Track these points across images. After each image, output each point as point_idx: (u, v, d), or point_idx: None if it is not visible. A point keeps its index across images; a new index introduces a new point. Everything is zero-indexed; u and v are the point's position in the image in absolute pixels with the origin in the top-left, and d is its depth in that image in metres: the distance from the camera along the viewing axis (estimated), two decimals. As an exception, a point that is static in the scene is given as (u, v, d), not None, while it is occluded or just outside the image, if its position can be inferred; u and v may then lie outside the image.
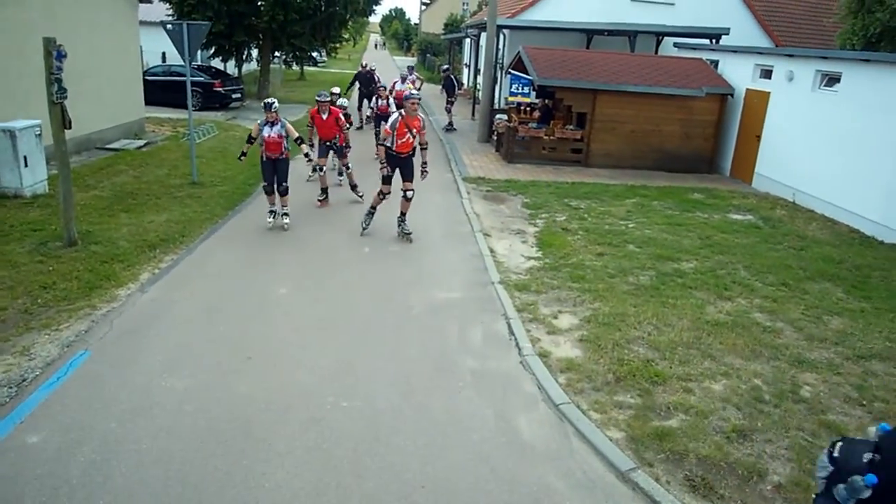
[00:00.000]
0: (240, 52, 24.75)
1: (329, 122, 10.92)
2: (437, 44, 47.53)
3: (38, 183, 10.25)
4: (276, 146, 9.25)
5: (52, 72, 7.61)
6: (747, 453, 4.72)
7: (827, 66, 12.44)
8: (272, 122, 9.17)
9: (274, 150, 9.28)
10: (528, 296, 7.43)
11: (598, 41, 19.98)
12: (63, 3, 12.55)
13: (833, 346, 6.53)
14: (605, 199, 12.21)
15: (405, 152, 8.97)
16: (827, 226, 11.21)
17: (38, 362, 5.49)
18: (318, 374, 5.60)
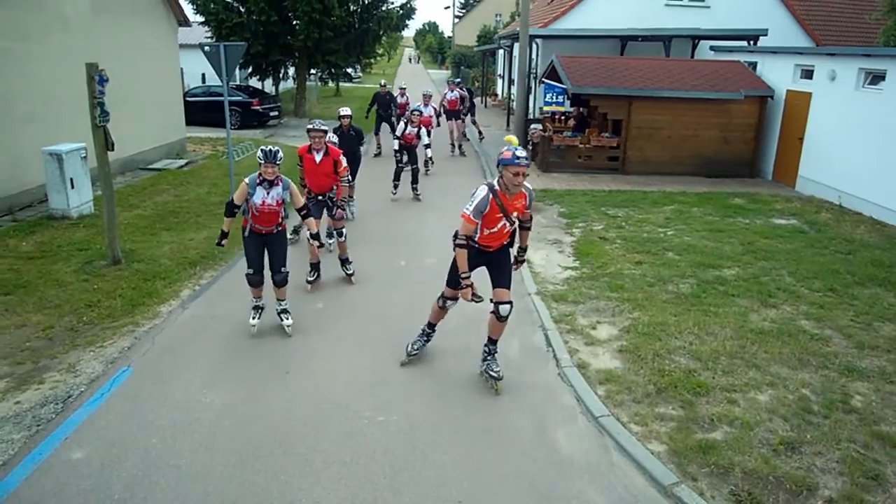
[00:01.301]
0: (276, 70, 25.25)
1: (324, 168, 7.92)
2: (471, 56, 47.68)
3: (84, 204, 10.56)
4: (271, 217, 6.38)
5: (95, 96, 7.85)
6: (796, 467, 4.55)
7: (871, 63, 12.09)
8: (270, 181, 6.23)
9: (268, 223, 6.40)
10: (566, 306, 7.34)
11: (632, 47, 19.78)
12: (106, 29, 12.96)
13: (885, 353, 6.28)
14: (643, 206, 12.03)
15: (495, 245, 5.53)
16: (875, 228, 10.84)
17: (83, 379, 5.62)
18: (355, 388, 5.60)
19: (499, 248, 5.56)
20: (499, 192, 5.18)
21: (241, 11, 22.06)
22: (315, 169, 7.98)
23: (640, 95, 14.64)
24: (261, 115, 22.22)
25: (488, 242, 5.46)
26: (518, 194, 5.25)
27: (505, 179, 5.10)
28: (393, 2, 24.72)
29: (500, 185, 5.19)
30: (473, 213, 5.17)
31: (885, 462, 4.62)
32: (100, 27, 12.80)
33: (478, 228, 5.33)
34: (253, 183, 6.23)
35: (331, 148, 7.98)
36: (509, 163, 5.00)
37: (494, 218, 5.26)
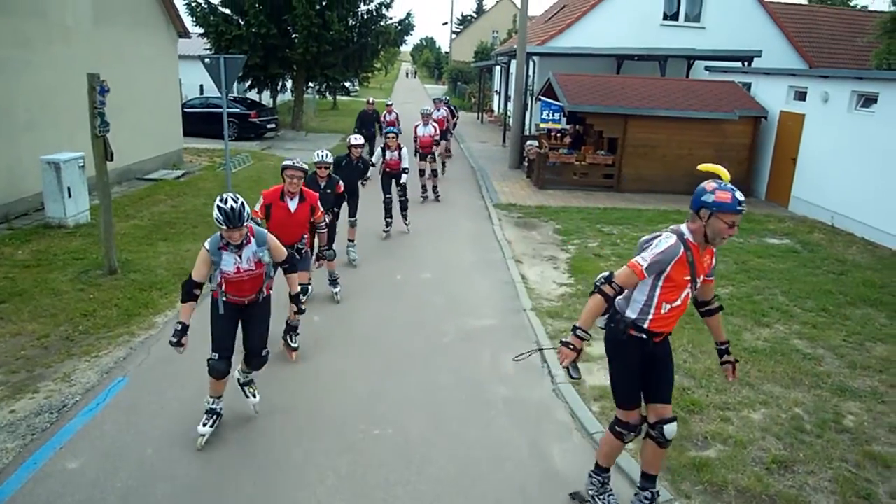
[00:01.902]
0: (274, 83, 25.37)
1: (300, 216, 6.43)
2: (468, 72, 48.02)
3: (80, 213, 10.56)
4: (253, 284, 4.95)
5: (96, 106, 7.89)
6: (789, 485, 4.58)
7: (863, 86, 12.26)
8: (238, 244, 4.73)
9: (249, 290, 4.96)
10: (561, 323, 7.37)
11: (629, 66, 19.99)
12: (107, 40, 13.03)
13: (877, 373, 6.34)
14: (638, 224, 12.11)
15: (668, 331, 3.99)
16: (868, 249, 10.95)
17: (78, 388, 5.61)
18: (350, 401, 5.61)
19: (664, 339, 3.99)
20: (692, 245, 3.62)
21: (241, 24, 22.21)
22: (288, 219, 6.34)
23: (635, 114, 14.78)
24: (258, 128, 22.30)
25: (662, 327, 3.83)
26: (707, 250, 3.72)
27: (710, 230, 3.51)
28: (392, 17, 25.02)
29: (693, 235, 3.63)
30: (649, 268, 3.60)
31: (877, 482, 4.66)
32: (101, 37, 12.87)
33: (652, 303, 3.75)
34: (215, 248, 4.73)
35: (305, 191, 6.45)
36: (727, 209, 3.44)
37: (679, 283, 3.68)
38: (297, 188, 6.35)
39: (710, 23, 20.78)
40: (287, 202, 6.34)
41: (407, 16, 25.38)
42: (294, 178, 6.29)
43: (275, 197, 6.33)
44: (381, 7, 24.31)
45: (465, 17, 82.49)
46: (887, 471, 4.79)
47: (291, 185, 6.31)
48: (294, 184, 6.32)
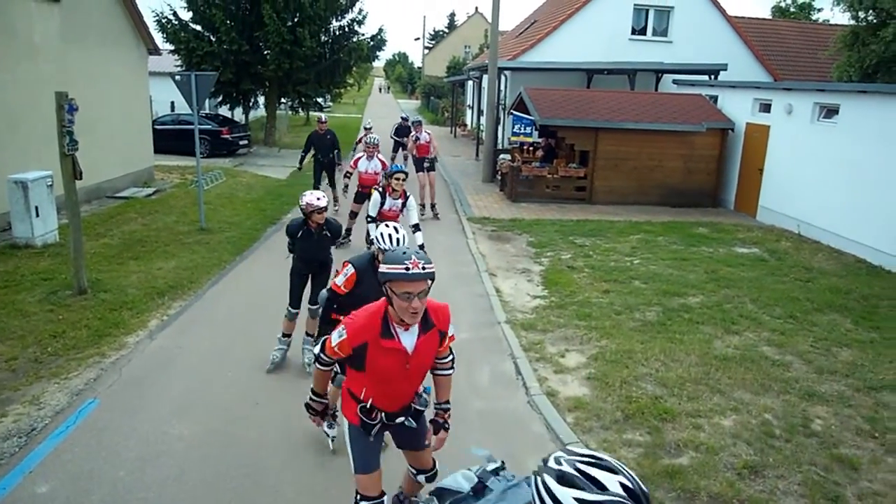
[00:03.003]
0: (247, 99, 25.27)
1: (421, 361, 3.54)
2: (441, 86, 48.29)
3: (48, 233, 10.40)
4: None
5: (64, 124, 7.80)
6: (759, 490, 4.66)
7: (825, 98, 12.59)
8: None
9: None
10: (535, 335, 7.43)
11: (599, 80, 20.31)
12: (75, 58, 12.91)
13: (843, 378, 6.48)
14: (610, 235, 12.26)
15: None
16: (833, 257, 11.21)
17: (48, 411, 5.51)
18: (326, 417, 5.59)
19: None
20: None
21: (212, 40, 22.13)
22: None
23: (606, 127, 15.00)
24: (230, 144, 22.16)
25: None
26: None
27: None
28: (364, 33, 25.06)
29: None
30: None
31: (845, 484, 4.76)
32: (69, 55, 12.75)
33: None
34: None
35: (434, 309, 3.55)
36: None
37: None
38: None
39: (678, 37, 21.20)
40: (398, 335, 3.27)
41: (379, 31, 25.55)
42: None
43: (373, 331, 3.23)
44: (353, 23, 24.43)
45: (438, 33, 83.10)
46: (855, 473, 4.90)
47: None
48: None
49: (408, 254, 3.05)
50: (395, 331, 3.24)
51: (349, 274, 4.53)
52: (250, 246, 11.11)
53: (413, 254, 3.06)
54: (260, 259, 10.38)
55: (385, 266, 3.07)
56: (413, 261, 3.01)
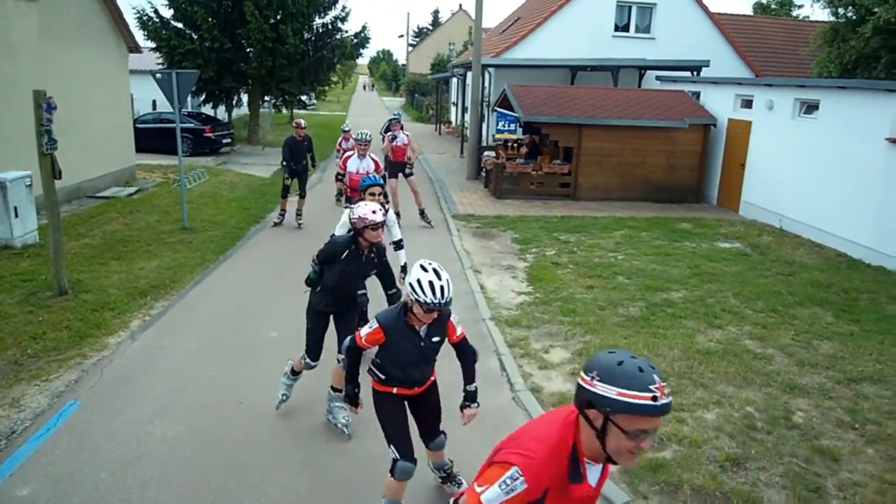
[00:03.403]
0: (229, 97, 25.09)
1: None
2: (425, 84, 48.25)
3: (28, 233, 10.28)
4: None
5: (42, 123, 7.71)
6: (742, 482, 4.71)
7: (805, 94, 12.71)
8: None
9: None
10: (520, 331, 7.45)
11: (582, 77, 20.38)
12: (53, 56, 12.75)
13: (824, 370, 6.55)
14: (594, 231, 12.31)
15: None
16: (814, 251, 11.32)
17: (28, 414, 5.45)
18: (311, 416, 5.57)
19: None
20: None
21: (194, 38, 21.96)
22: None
23: (589, 123, 15.05)
24: (213, 143, 22.00)
25: None
26: None
27: None
28: (347, 31, 24.96)
29: None
30: None
31: (826, 475, 4.81)
32: (47, 53, 12.59)
33: None
34: None
35: None
36: None
37: None
38: None
39: (660, 34, 21.32)
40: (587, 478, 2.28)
41: (362, 29, 25.43)
42: None
43: (560, 474, 2.17)
44: (337, 20, 24.33)
45: (422, 30, 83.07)
46: (835, 464, 4.96)
47: None
48: None
49: (646, 371, 1.98)
50: (584, 469, 2.20)
51: (373, 328, 3.80)
52: (234, 245, 11.04)
53: (652, 369, 2.00)
54: (244, 258, 10.32)
55: (611, 388, 1.98)
56: (659, 384, 1.97)
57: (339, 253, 4.91)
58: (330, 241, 5.01)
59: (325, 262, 4.99)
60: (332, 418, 5.35)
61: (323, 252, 4.98)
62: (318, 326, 5.26)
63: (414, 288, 3.51)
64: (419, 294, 3.50)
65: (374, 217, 4.70)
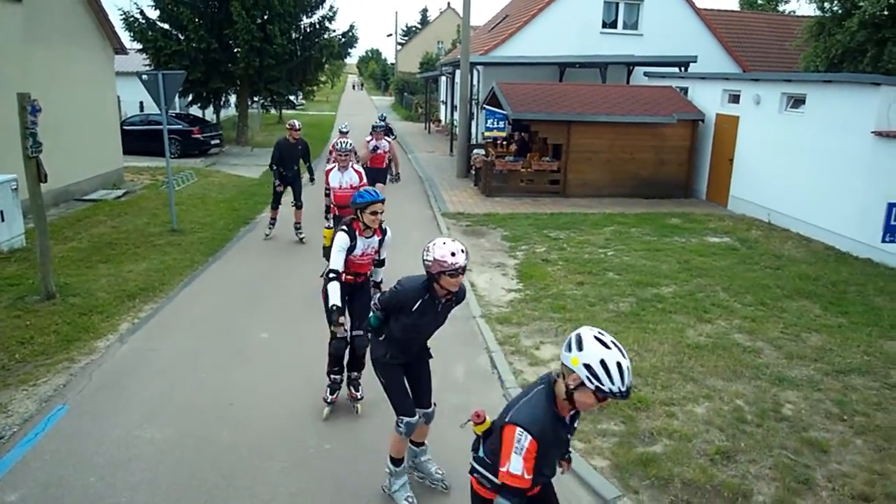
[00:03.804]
0: (217, 98, 24.97)
1: None
2: (414, 83, 48.19)
3: (14, 237, 10.20)
4: None
5: (27, 126, 7.64)
6: (732, 475, 4.73)
7: (791, 88, 12.78)
8: None
9: None
10: (510, 328, 7.45)
11: (571, 73, 20.41)
12: (38, 58, 12.65)
13: (812, 362, 6.59)
14: (584, 228, 12.33)
15: None
16: (802, 244, 11.39)
17: (16, 419, 5.41)
18: (301, 417, 5.56)
19: None
20: None
21: (180, 39, 21.83)
22: None
23: (578, 120, 15.07)
24: (201, 144, 21.90)
25: None
26: None
27: None
28: (335, 30, 24.87)
29: None
30: None
31: (815, 466, 4.84)
32: (31, 55, 12.48)
33: None
34: None
35: None
36: None
37: None
38: None
39: (648, 30, 21.38)
40: None
41: (350, 28, 25.34)
42: None
43: None
44: (324, 20, 24.23)
45: (410, 29, 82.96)
46: (824, 455, 4.99)
47: None
48: None
49: None
50: None
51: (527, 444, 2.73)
52: (223, 246, 10.99)
53: None
54: (233, 259, 10.28)
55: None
56: None
57: (410, 304, 4.05)
58: (397, 291, 4.11)
59: (395, 308, 4.19)
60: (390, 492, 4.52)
61: (387, 301, 4.21)
62: (397, 380, 4.40)
63: (594, 373, 2.58)
64: (601, 381, 2.57)
65: (454, 260, 3.77)
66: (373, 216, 5.02)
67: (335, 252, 5.04)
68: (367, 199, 5.01)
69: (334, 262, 5.02)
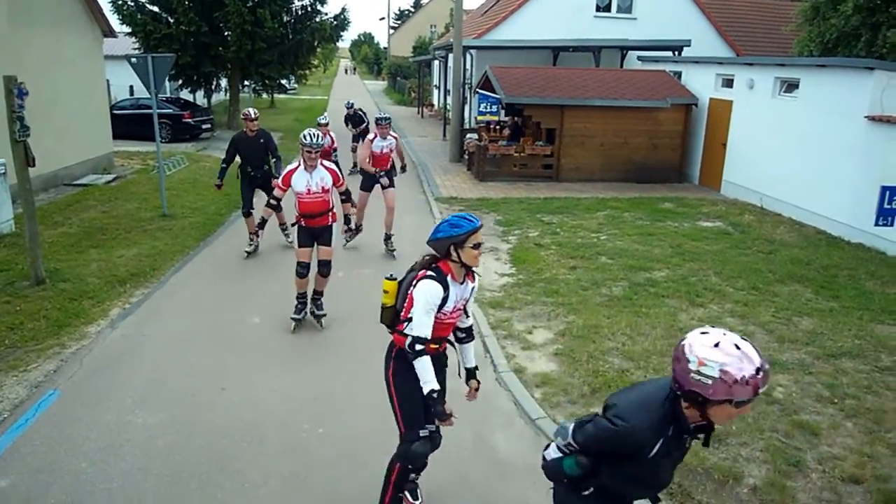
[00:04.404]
0: (208, 82, 24.76)
1: None
2: (407, 67, 47.90)
3: (3, 223, 10.10)
4: None
5: (14, 110, 7.54)
6: (723, 457, 4.75)
7: (785, 72, 12.74)
8: None
9: None
10: (503, 312, 7.45)
11: (564, 58, 20.29)
12: (24, 41, 12.48)
13: (804, 346, 6.62)
14: (577, 212, 12.32)
15: None
16: (794, 229, 11.41)
17: (6, 405, 5.37)
18: (294, 401, 5.55)
19: None
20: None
21: (170, 22, 21.58)
22: None
23: (571, 104, 15.01)
24: (192, 128, 21.73)
25: None
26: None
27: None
28: (326, 13, 24.65)
29: None
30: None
31: (805, 449, 4.87)
32: (18, 38, 12.31)
33: None
34: None
35: None
36: None
37: None
38: None
39: (641, 14, 21.26)
40: None
41: (342, 11, 25.12)
42: None
43: None
44: (316, 3, 23.97)
45: (403, 12, 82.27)
46: (815, 438, 5.02)
47: None
48: None
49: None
50: None
51: None
52: (215, 231, 10.94)
53: None
54: (225, 244, 10.22)
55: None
56: None
57: (645, 449, 2.47)
58: (617, 428, 2.49)
59: (606, 459, 2.65)
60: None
61: (598, 442, 2.63)
62: None
63: None
64: None
65: (758, 378, 2.24)
66: (475, 251, 3.54)
67: (423, 313, 3.56)
68: (465, 230, 3.47)
69: (422, 326, 3.55)
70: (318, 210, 6.81)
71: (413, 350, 3.56)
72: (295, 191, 6.73)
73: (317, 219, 6.85)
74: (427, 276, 3.62)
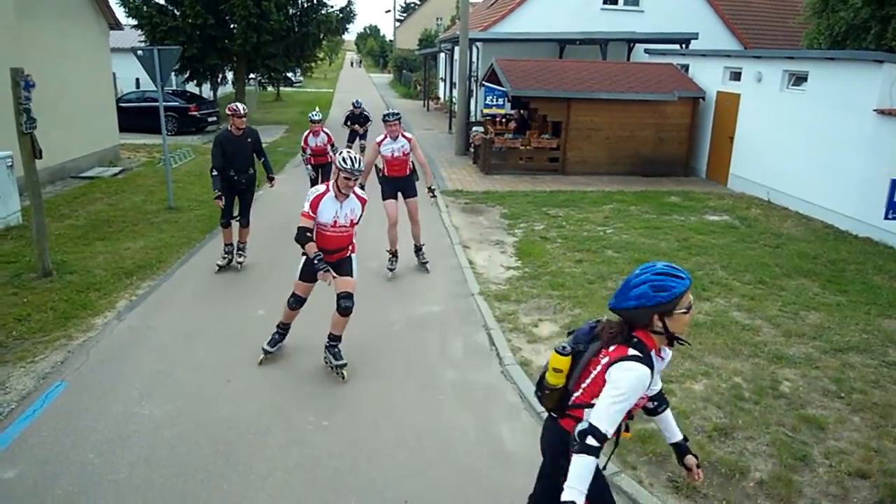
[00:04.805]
0: (214, 75, 24.77)
1: None
2: (413, 60, 47.79)
3: (10, 215, 10.14)
4: None
5: (21, 102, 7.56)
6: (729, 451, 4.74)
7: (793, 66, 12.65)
8: None
9: None
10: (509, 306, 7.44)
11: (571, 50, 20.20)
12: (31, 34, 12.50)
13: (811, 340, 6.59)
14: (583, 206, 12.29)
15: None
16: (802, 223, 11.35)
17: (14, 396, 5.40)
18: (299, 394, 5.56)
19: None
20: None
21: (176, 15, 21.59)
22: None
23: (578, 97, 14.95)
24: (198, 121, 21.79)
25: None
26: None
27: None
28: (332, 6, 24.64)
29: None
30: None
31: (812, 443, 4.85)
32: (24, 30, 12.32)
33: None
34: None
35: None
36: None
37: None
38: None
39: (648, 6, 21.12)
40: None
41: (348, 4, 25.06)
42: None
43: None
44: (321, -5, 23.98)
45: (409, 5, 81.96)
46: (821, 432, 5.00)
47: None
48: None
49: None
50: None
51: None
52: (220, 224, 10.93)
53: None
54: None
55: None
56: None
57: None
58: None
59: None
60: None
61: None
62: None
63: None
64: None
65: None
66: (686, 315, 2.86)
67: (619, 402, 2.68)
68: (676, 292, 2.79)
69: (610, 421, 2.70)
70: (341, 245, 5.84)
71: (583, 443, 2.65)
72: (318, 221, 5.63)
73: (336, 254, 5.82)
74: (631, 357, 2.70)
